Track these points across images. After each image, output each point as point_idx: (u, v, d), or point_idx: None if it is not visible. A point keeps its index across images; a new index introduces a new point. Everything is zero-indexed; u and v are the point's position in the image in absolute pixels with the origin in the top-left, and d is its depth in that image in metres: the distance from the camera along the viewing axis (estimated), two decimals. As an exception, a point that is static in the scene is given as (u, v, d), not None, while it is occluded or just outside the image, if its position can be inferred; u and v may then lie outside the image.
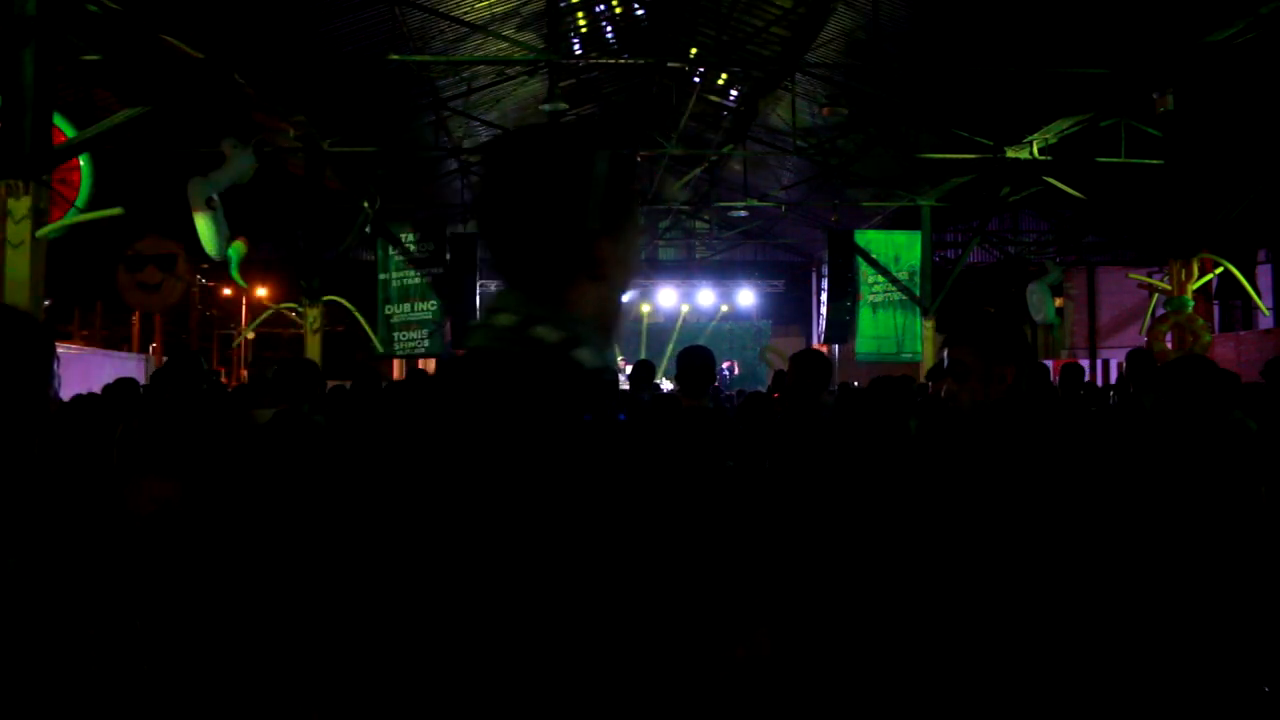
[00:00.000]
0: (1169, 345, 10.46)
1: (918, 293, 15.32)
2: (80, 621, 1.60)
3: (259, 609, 3.47)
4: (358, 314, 13.24)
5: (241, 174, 9.36)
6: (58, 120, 7.04)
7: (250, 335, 22.63)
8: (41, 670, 1.49)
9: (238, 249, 9.88)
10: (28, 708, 1.46)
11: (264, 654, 3.34)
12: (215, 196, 9.13)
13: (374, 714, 1.03)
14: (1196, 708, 2.55)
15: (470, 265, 14.88)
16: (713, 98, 16.96)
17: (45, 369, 1.63)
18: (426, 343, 13.97)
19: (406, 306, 13.94)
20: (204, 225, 9.15)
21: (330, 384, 7.11)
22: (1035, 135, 12.02)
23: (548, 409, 1.01)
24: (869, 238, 15.79)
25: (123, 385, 5.49)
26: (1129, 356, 6.90)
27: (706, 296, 22.60)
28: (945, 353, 2.45)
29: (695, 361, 4.01)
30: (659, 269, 23.34)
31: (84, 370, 12.56)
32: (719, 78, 16.18)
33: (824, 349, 23.26)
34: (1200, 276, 10.58)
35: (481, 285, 16.74)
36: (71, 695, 1.55)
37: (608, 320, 1.15)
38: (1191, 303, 10.50)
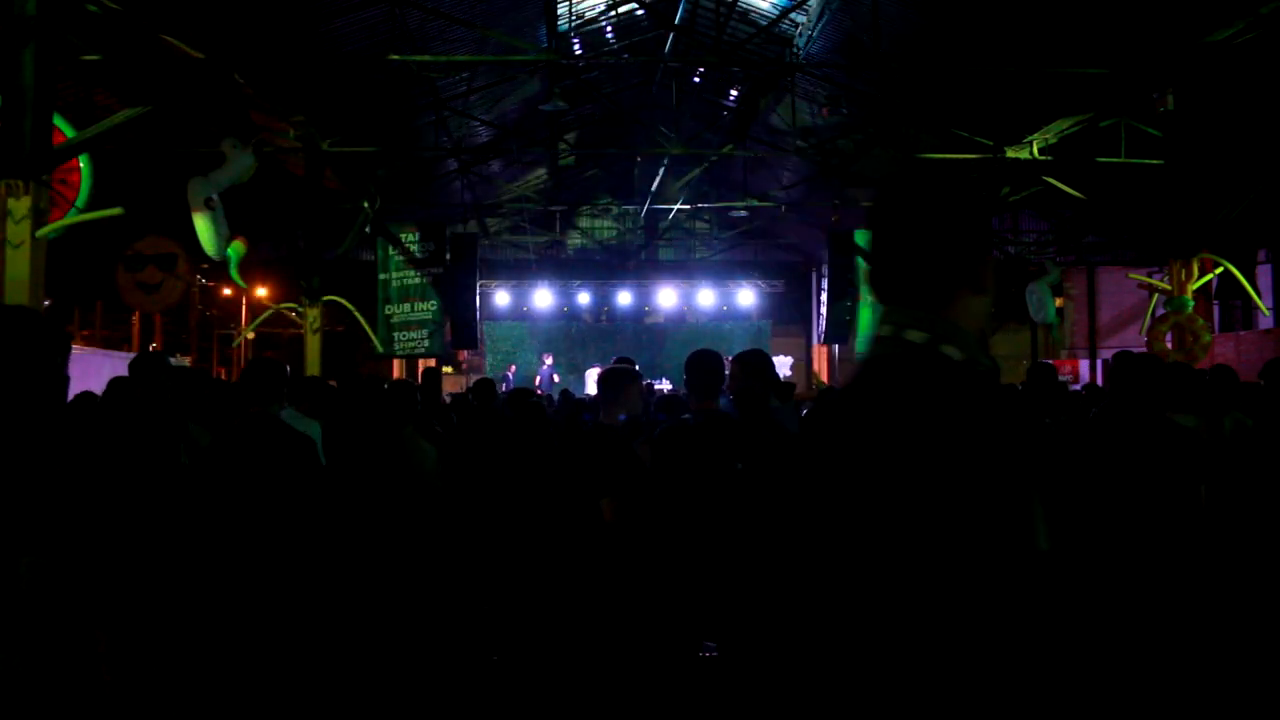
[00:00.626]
0: (1169, 345, 10.45)
1: (918, 293, 15.30)
2: (82, 614, 1.60)
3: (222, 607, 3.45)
4: (358, 314, 13.23)
5: (241, 174, 9.35)
6: (58, 120, 7.02)
7: (250, 335, 22.62)
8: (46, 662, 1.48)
9: (237, 249, 9.86)
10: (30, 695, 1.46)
11: (219, 647, 3.33)
12: (215, 196, 9.12)
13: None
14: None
15: (470, 265, 14.87)
16: (713, 98, 16.96)
17: (59, 368, 1.65)
18: (426, 343, 13.96)
19: (406, 306, 13.93)
20: (203, 225, 9.14)
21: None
22: (1035, 135, 12.01)
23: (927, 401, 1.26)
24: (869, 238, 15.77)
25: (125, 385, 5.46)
26: (1114, 360, 6.85)
27: (706, 296, 22.57)
28: None
29: (706, 365, 4.00)
30: (659, 269, 23.33)
31: (84, 370, 12.52)
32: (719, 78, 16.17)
33: (824, 349, 23.31)
34: (1200, 276, 10.58)
35: (482, 285, 16.73)
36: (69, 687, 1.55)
37: (983, 324, 1.38)
38: (1191, 303, 10.50)
